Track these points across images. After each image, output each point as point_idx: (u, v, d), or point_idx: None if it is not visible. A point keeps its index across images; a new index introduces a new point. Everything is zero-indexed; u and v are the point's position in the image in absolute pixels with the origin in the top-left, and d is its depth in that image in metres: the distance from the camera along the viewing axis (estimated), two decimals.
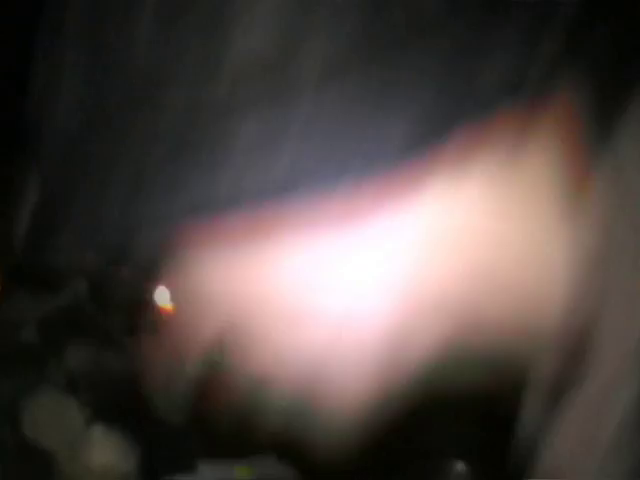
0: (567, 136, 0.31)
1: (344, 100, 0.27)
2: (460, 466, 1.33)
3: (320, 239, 0.29)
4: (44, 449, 1.20)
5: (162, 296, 1.50)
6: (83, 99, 0.30)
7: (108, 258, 0.30)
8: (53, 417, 1.25)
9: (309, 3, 0.27)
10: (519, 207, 0.31)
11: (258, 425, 0.33)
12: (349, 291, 0.30)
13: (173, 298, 0.32)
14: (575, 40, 0.30)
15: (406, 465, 1.34)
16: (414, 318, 0.31)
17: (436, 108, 0.28)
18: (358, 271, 0.30)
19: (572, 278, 0.32)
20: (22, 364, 1.30)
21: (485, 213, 0.31)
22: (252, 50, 0.28)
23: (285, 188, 0.28)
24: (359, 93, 0.27)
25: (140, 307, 0.32)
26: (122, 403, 1.32)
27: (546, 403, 0.35)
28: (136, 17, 0.29)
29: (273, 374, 0.32)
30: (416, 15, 0.27)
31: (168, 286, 0.32)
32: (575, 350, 0.33)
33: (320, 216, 0.29)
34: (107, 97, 0.29)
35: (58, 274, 1.49)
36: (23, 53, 0.33)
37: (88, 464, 1.22)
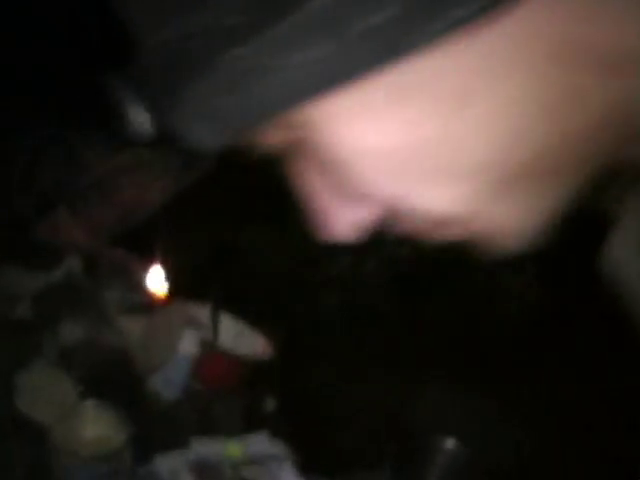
0: None
1: None
2: (451, 442, 1.35)
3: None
4: (37, 422, 1.20)
5: (156, 276, 1.49)
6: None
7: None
8: (46, 391, 1.25)
9: None
10: None
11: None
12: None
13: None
14: None
15: (398, 447, 1.35)
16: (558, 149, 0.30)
17: None
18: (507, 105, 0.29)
19: None
20: (16, 339, 1.30)
21: None
22: None
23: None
24: None
25: None
26: (115, 378, 1.32)
27: None
28: None
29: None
30: None
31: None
32: None
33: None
34: None
35: (53, 251, 1.49)
36: None
37: (80, 438, 1.22)
